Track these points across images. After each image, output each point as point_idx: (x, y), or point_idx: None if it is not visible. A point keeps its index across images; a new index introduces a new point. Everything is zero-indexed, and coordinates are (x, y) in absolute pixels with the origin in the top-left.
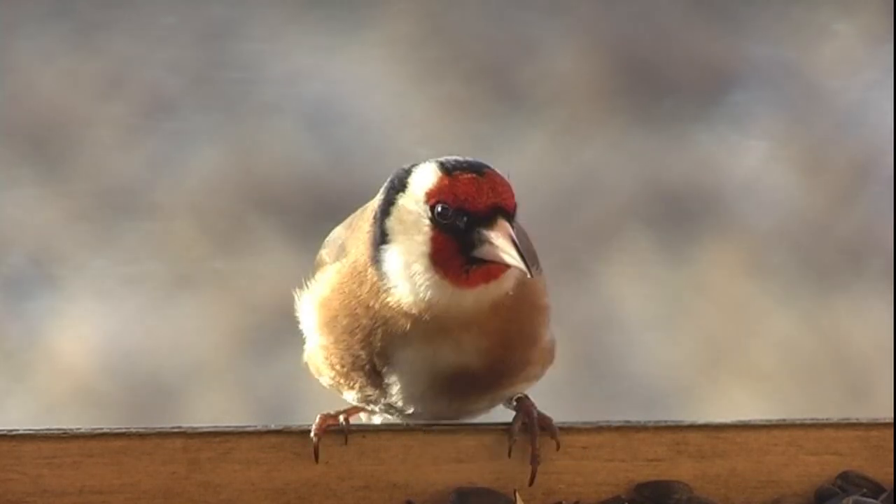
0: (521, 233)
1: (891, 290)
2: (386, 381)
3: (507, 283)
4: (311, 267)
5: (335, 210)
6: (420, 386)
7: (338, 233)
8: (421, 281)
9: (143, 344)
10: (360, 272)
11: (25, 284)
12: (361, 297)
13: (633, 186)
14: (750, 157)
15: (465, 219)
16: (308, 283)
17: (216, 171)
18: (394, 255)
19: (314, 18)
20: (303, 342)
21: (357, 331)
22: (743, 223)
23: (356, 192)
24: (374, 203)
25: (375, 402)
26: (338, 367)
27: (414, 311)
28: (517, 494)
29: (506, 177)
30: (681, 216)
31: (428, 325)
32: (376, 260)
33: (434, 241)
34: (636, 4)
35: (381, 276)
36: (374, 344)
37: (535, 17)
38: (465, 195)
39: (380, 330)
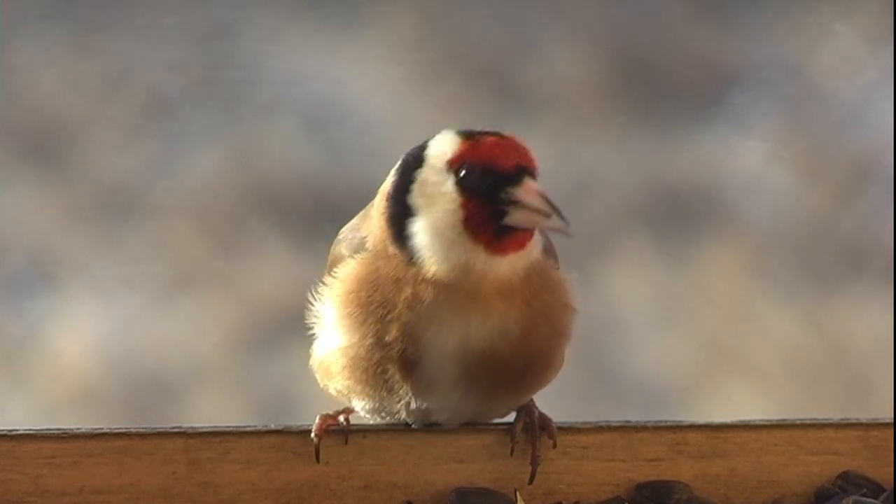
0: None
1: (891, 290)
2: (416, 372)
3: (535, 251)
4: (319, 267)
5: (335, 210)
6: (449, 374)
7: (352, 227)
8: (454, 248)
9: (143, 344)
10: (384, 254)
11: (25, 284)
12: (390, 277)
13: (633, 186)
14: (750, 158)
15: (490, 179)
16: (324, 283)
17: (216, 171)
18: (421, 228)
19: (314, 18)
20: (308, 345)
21: (388, 314)
22: (743, 223)
23: (356, 192)
24: (386, 185)
25: (391, 411)
26: (361, 368)
27: (449, 278)
28: (517, 494)
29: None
30: (681, 216)
31: (461, 294)
32: (400, 237)
33: (463, 206)
34: (636, 5)
35: (410, 251)
36: (406, 324)
37: (535, 17)
38: (490, 155)
39: (412, 307)
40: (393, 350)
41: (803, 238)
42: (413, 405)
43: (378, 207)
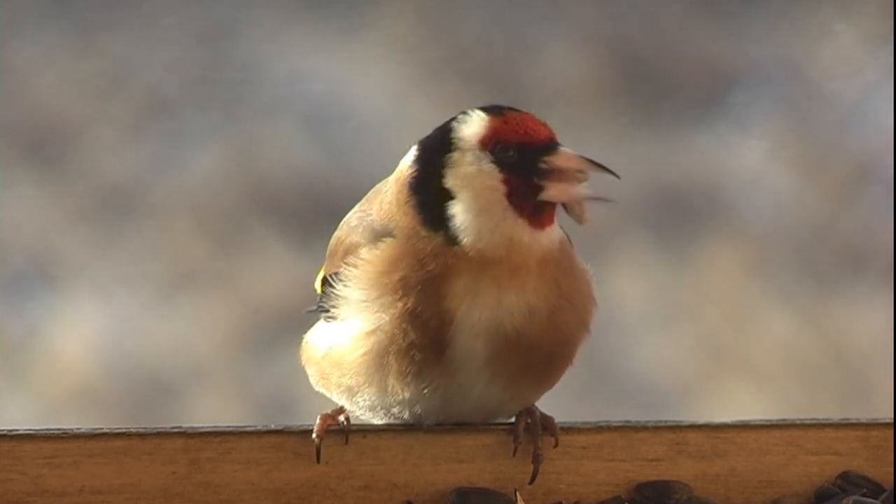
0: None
1: (891, 290)
2: (447, 352)
3: (557, 229)
4: (319, 267)
5: (335, 210)
6: (479, 354)
7: (361, 216)
8: (502, 225)
9: (143, 344)
10: (417, 236)
11: (25, 284)
12: (427, 255)
13: (633, 186)
14: (750, 158)
15: (528, 153)
16: (346, 265)
17: (216, 171)
18: (463, 209)
19: (314, 18)
20: (300, 342)
21: (424, 291)
22: (743, 223)
23: (356, 192)
24: (402, 174)
25: (404, 404)
26: (388, 352)
27: (496, 254)
28: (517, 494)
29: None
30: (681, 216)
31: (501, 268)
32: (434, 222)
33: (505, 182)
34: (637, 5)
35: (451, 232)
36: (443, 298)
37: (535, 17)
38: (523, 129)
39: (449, 281)
40: (429, 328)
41: (803, 238)
42: (437, 392)
43: (397, 197)
